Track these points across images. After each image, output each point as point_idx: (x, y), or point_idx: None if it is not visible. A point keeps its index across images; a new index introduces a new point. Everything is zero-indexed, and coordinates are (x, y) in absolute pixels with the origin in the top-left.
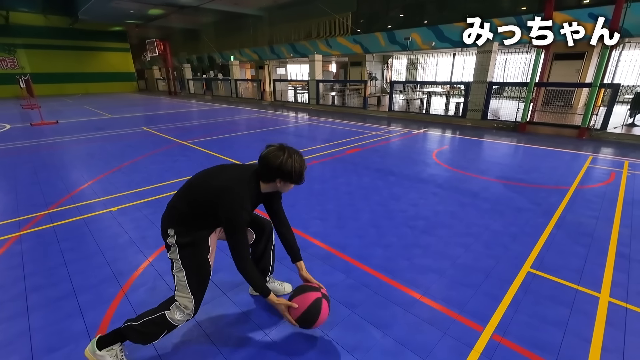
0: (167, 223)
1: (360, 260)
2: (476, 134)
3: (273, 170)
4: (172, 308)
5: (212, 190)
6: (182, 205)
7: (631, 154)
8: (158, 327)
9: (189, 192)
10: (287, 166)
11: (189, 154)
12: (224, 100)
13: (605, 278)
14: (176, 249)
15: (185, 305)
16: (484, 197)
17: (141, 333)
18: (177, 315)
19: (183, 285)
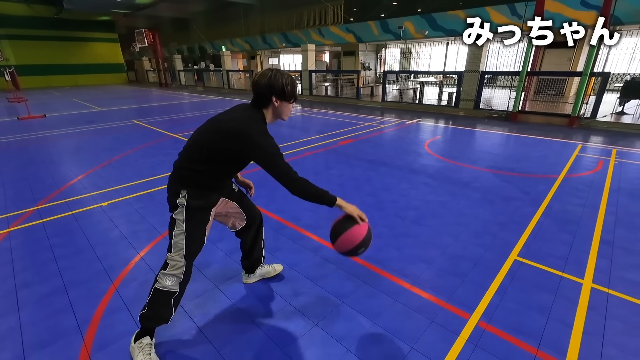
0: (177, 185)
1: None
2: (468, 124)
3: (266, 89)
4: (159, 279)
5: (232, 136)
6: (194, 165)
7: (619, 142)
8: (159, 301)
9: (200, 150)
10: (277, 80)
11: (179, 147)
12: (216, 92)
13: (589, 264)
14: (183, 211)
15: (176, 267)
16: (475, 187)
17: (150, 316)
18: (167, 281)
19: (179, 249)
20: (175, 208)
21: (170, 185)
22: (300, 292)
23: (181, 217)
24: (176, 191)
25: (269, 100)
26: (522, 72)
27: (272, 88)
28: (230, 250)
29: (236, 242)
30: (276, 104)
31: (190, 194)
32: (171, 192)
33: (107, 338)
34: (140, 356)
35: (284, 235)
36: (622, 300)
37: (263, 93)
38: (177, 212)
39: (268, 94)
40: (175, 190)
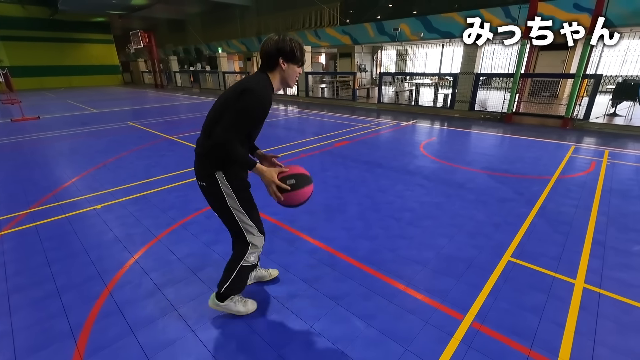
0: (210, 169)
1: (346, 253)
2: (463, 125)
3: (274, 51)
4: (246, 258)
5: (238, 92)
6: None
7: (611, 144)
8: (242, 276)
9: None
10: (286, 42)
11: (176, 149)
12: (212, 93)
13: (581, 265)
14: (233, 195)
15: (257, 244)
16: (469, 188)
17: (234, 288)
18: (252, 257)
19: (250, 226)
20: (220, 201)
21: (202, 173)
22: (295, 294)
23: (232, 200)
24: (210, 174)
25: (276, 62)
26: (516, 74)
27: (281, 49)
28: (226, 252)
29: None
30: (284, 66)
31: (228, 175)
32: (206, 178)
33: (100, 342)
34: (240, 305)
35: (278, 237)
36: (614, 300)
37: (270, 55)
38: (227, 199)
39: (275, 55)
40: (210, 173)
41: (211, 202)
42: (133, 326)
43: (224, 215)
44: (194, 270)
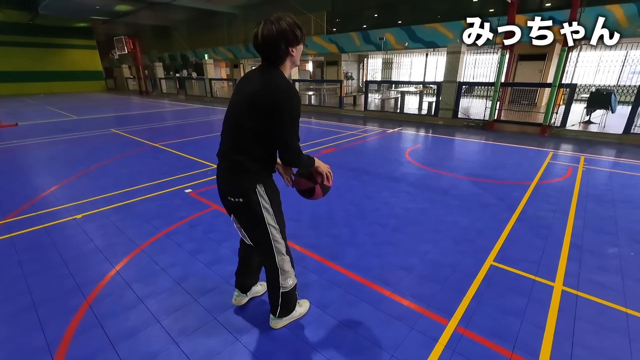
0: (249, 181)
1: (333, 260)
2: (447, 133)
3: (280, 40)
4: (282, 284)
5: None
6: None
7: (587, 150)
8: (289, 299)
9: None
10: (283, 25)
11: (160, 157)
12: (198, 100)
13: (559, 268)
14: (270, 208)
15: (286, 269)
16: (453, 194)
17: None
18: (289, 281)
19: (280, 244)
20: (258, 211)
21: (239, 189)
22: None
23: (269, 215)
24: (251, 188)
25: (286, 52)
26: (496, 83)
27: (285, 36)
28: (211, 261)
29: (216, 253)
30: (293, 53)
31: (267, 187)
32: (244, 194)
33: (79, 357)
34: (298, 311)
35: None
36: (590, 301)
37: (276, 46)
38: (265, 214)
39: (283, 45)
40: (251, 187)
41: (246, 218)
42: (114, 340)
43: (258, 232)
44: (178, 280)
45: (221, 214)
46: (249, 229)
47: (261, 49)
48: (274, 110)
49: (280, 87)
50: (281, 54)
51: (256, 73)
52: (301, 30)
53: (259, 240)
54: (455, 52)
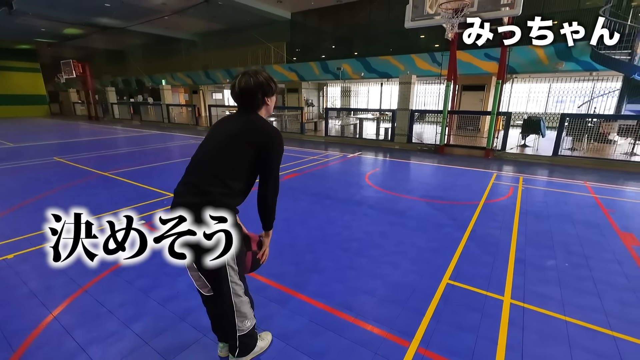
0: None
1: (296, 289)
2: (403, 156)
3: (257, 91)
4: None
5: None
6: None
7: (525, 171)
8: (248, 340)
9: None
10: (261, 79)
11: (110, 186)
12: (154, 126)
13: (507, 282)
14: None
15: (243, 310)
16: (410, 216)
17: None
18: (247, 323)
19: (238, 285)
20: None
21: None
22: None
23: (229, 256)
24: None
25: (262, 101)
26: (444, 111)
27: (262, 87)
28: (165, 298)
29: (171, 288)
30: (269, 102)
31: (234, 221)
32: None
33: None
34: (259, 345)
35: None
36: (535, 312)
37: (254, 95)
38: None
39: (260, 95)
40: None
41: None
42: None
43: (215, 272)
44: (126, 322)
45: None
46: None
47: (240, 98)
48: (262, 149)
49: (266, 128)
50: (258, 102)
51: (236, 116)
52: (275, 84)
53: (215, 281)
54: (406, 83)
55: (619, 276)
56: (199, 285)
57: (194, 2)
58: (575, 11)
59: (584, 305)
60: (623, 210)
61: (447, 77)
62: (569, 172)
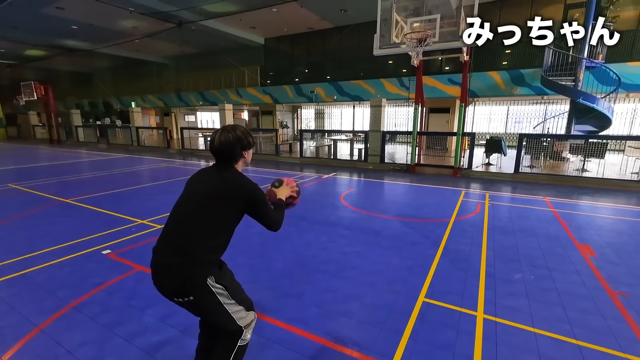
0: (200, 275)
1: (272, 315)
2: (377, 176)
3: (236, 146)
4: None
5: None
6: (207, 243)
7: (490, 188)
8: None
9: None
10: (239, 134)
11: (72, 214)
12: (122, 149)
13: (479, 297)
14: (226, 292)
15: (249, 323)
16: (385, 235)
17: None
18: (249, 335)
19: (238, 311)
20: (214, 301)
21: (188, 287)
22: None
23: (227, 298)
24: (201, 283)
25: (240, 155)
26: (413, 132)
27: (240, 142)
28: (132, 333)
29: (139, 323)
30: (246, 155)
31: (217, 277)
32: (195, 291)
33: None
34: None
35: None
36: (507, 326)
37: (233, 150)
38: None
39: (239, 149)
40: (201, 283)
41: (200, 312)
42: None
43: (217, 316)
44: None
45: (146, 276)
46: (206, 317)
47: (218, 152)
48: (247, 205)
49: (245, 184)
50: (236, 156)
51: (212, 170)
52: (252, 137)
53: (217, 320)
54: (377, 106)
55: (579, 286)
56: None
57: (166, 27)
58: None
59: (550, 316)
60: (579, 223)
61: (415, 100)
62: (529, 188)
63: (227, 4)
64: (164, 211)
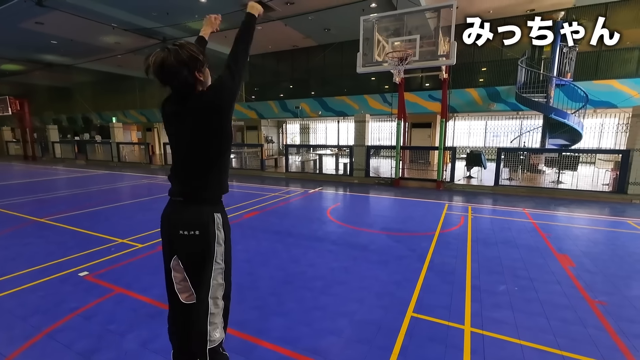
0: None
1: (259, 336)
2: (362, 190)
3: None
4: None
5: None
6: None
7: (472, 200)
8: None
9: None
10: (181, 53)
11: (47, 234)
12: (102, 165)
13: (466, 310)
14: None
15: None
16: (372, 249)
17: None
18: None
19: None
20: (210, 246)
21: (195, 220)
22: None
23: (220, 249)
24: (204, 220)
25: (192, 77)
26: (397, 146)
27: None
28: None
29: (118, 349)
30: (200, 78)
31: (223, 215)
32: (200, 226)
33: None
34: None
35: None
36: (494, 339)
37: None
38: (218, 249)
39: (185, 73)
40: (203, 219)
41: (192, 257)
42: None
43: (200, 276)
44: None
45: (126, 298)
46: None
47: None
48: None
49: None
50: (189, 80)
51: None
52: (203, 54)
53: (199, 282)
54: (361, 121)
55: (561, 296)
56: (180, 288)
57: (149, 43)
58: (499, 61)
59: (534, 326)
60: (557, 234)
61: (398, 115)
62: (509, 200)
63: None
64: (145, 229)
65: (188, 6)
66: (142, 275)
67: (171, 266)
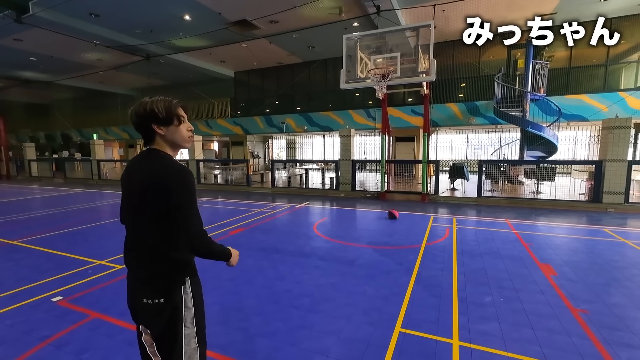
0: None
1: (244, 359)
2: (349, 204)
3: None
4: None
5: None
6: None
7: (457, 212)
8: None
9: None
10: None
11: (18, 257)
12: (82, 184)
13: (454, 324)
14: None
15: None
16: (359, 264)
17: None
18: None
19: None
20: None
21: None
22: None
23: (190, 313)
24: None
25: (150, 129)
26: (382, 160)
27: (146, 117)
28: None
29: None
30: (160, 131)
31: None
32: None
33: None
34: None
35: None
36: (481, 352)
37: (140, 125)
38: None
39: (145, 124)
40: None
41: (159, 327)
42: None
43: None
44: None
45: (102, 324)
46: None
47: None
48: (166, 194)
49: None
50: (148, 131)
51: (139, 159)
52: (168, 111)
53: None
54: (346, 135)
55: (545, 305)
56: (152, 352)
57: (133, 59)
58: (477, 77)
59: (521, 338)
60: (539, 243)
61: (382, 130)
62: (492, 211)
63: (196, 39)
64: None
65: (172, 24)
66: (120, 299)
67: (140, 329)
